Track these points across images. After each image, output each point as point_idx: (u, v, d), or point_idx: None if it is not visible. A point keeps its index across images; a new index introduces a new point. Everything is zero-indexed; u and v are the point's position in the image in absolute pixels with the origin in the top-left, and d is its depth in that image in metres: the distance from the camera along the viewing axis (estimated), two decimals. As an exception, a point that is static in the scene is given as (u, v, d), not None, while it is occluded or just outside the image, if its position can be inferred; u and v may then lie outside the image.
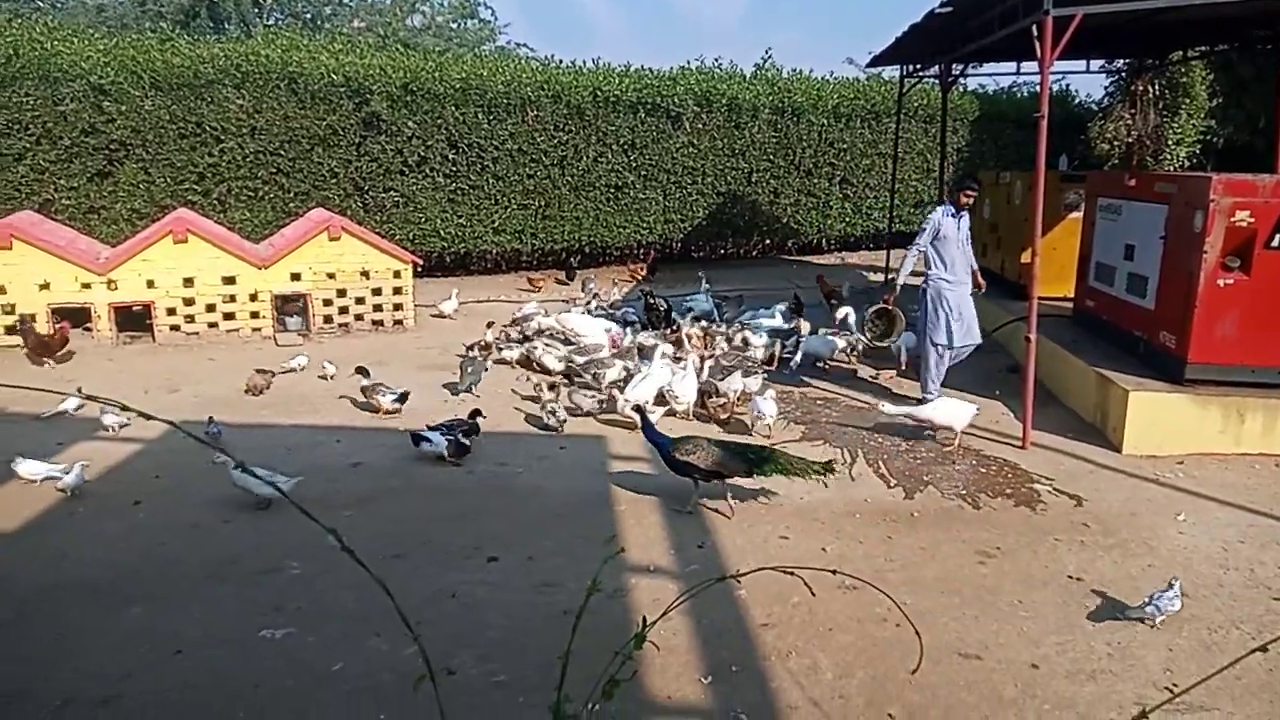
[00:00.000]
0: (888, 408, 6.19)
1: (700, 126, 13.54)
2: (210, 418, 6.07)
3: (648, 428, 5.18)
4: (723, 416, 6.46)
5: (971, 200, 6.63)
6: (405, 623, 1.54)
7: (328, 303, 9.35)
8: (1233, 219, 5.76)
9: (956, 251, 6.61)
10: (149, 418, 1.51)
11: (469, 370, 7.20)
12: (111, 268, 8.70)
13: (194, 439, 1.69)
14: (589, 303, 10.32)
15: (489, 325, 8.74)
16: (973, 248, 6.84)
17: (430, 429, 5.81)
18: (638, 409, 5.46)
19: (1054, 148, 8.56)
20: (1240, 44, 9.79)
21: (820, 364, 7.91)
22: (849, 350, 7.99)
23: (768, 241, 15.35)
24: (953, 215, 6.61)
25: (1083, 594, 4.14)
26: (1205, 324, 5.89)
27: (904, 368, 7.68)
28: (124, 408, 1.59)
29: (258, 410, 6.68)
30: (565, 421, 6.28)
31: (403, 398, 6.65)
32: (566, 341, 8.20)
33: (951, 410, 6.09)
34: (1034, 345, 6.16)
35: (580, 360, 7.46)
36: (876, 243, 15.68)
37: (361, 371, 6.88)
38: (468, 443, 5.70)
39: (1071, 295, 8.17)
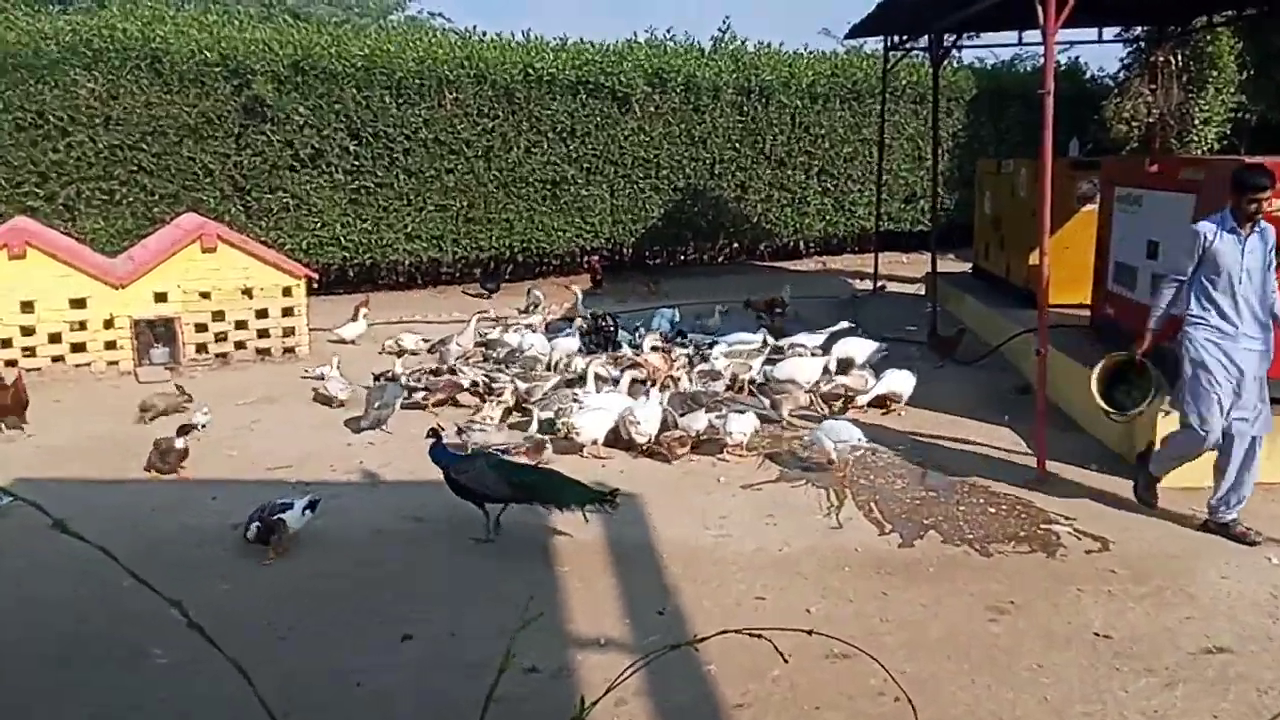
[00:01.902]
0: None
1: (652, 110, 13.68)
2: None
3: (435, 447, 5.48)
4: (680, 452, 6.48)
5: (1261, 208, 5.18)
6: (270, 715, 1.48)
7: (201, 328, 9.18)
8: (1270, 209, 5.94)
9: (1240, 286, 5.20)
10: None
11: (376, 402, 7.11)
12: (-71, 290, 8.43)
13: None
14: (532, 312, 10.36)
15: (400, 355, 8.65)
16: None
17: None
18: (432, 431, 5.64)
19: (1063, 130, 8.81)
20: (1270, 8, 10.19)
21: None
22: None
23: (735, 245, 15.50)
24: (1231, 230, 5.21)
25: (1111, 653, 4.19)
26: (1242, 332, 6.05)
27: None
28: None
29: (122, 463, 6.51)
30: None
31: (184, 429, 6.39)
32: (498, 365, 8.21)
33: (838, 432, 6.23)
34: (1046, 361, 6.26)
35: (524, 387, 7.46)
36: (863, 244, 15.91)
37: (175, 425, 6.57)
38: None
39: (1088, 301, 8.36)
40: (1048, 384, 6.36)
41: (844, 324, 8.91)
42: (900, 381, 7.53)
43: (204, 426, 6.83)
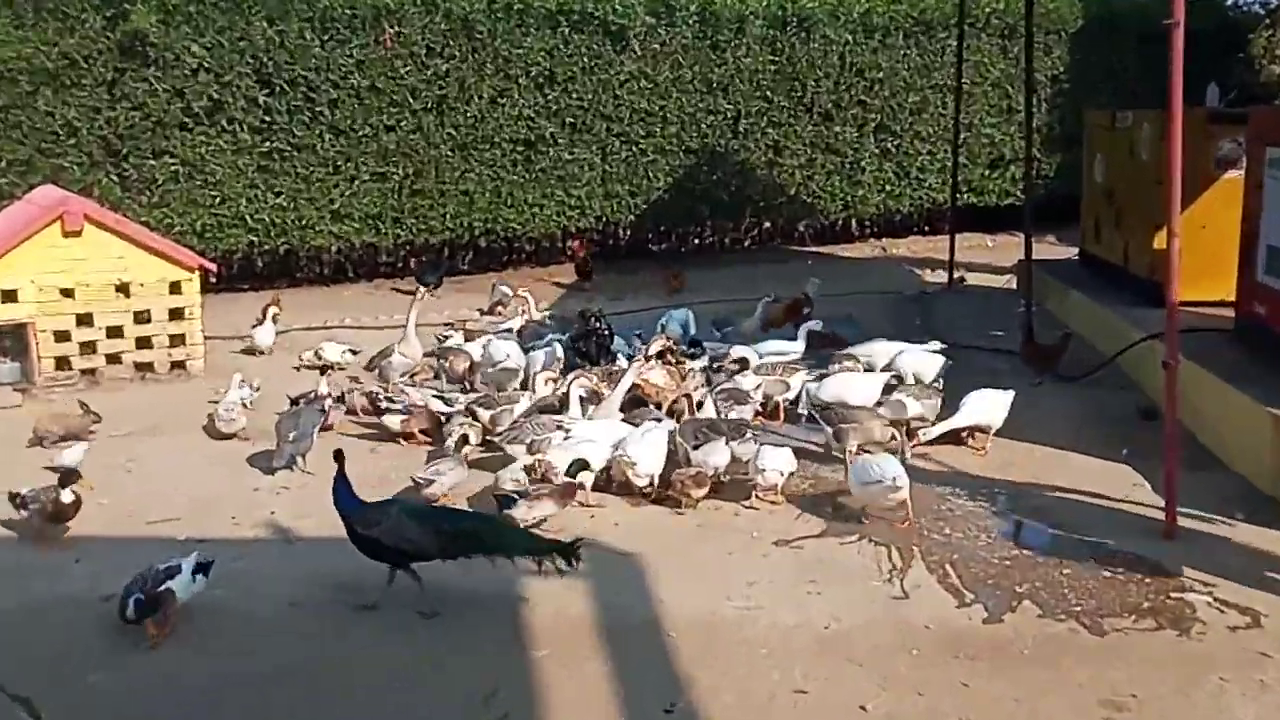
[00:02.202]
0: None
1: (658, 48, 13.75)
2: None
3: (338, 481, 5.44)
4: (696, 494, 6.50)
5: None
6: None
7: (63, 336, 9.17)
8: None
9: None
10: None
11: (289, 431, 7.12)
12: None
13: None
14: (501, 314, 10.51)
15: (324, 371, 8.64)
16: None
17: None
18: (337, 455, 5.61)
19: (1198, 73, 8.80)
20: None
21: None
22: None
23: (767, 224, 15.54)
24: None
25: (1266, 763, 4.17)
26: None
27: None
28: None
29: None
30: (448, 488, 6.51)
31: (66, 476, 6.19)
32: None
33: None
34: (1177, 376, 6.26)
35: (486, 414, 7.51)
36: (934, 224, 15.91)
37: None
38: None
39: (1231, 297, 8.35)
40: (1180, 406, 6.34)
41: (934, 344, 8.82)
42: (989, 408, 7.44)
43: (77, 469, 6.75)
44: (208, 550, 5.51)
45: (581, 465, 6.44)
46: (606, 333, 9.30)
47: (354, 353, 9.62)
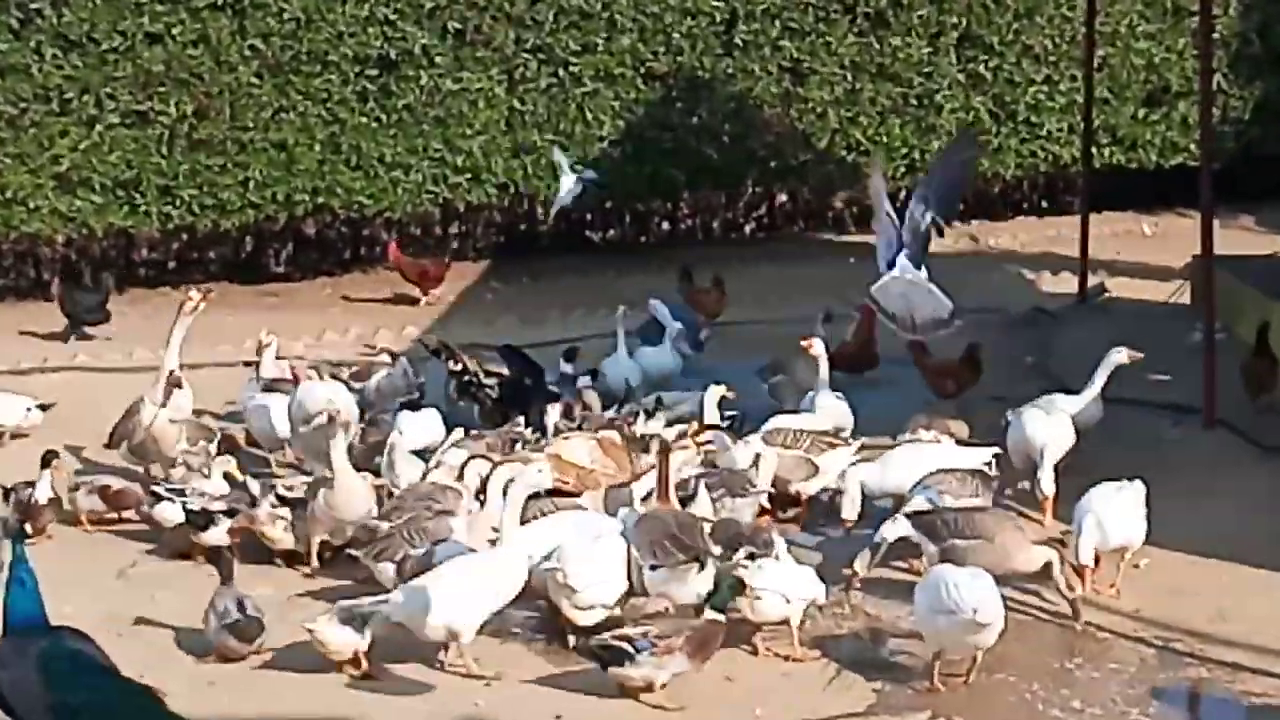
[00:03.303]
0: None
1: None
2: None
3: (15, 574, 5.37)
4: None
5: None
6: None
7: None
8: None
9: None
10: None
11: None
12: None
13: None
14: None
15: (49, 462, 8.48)
16: None
17: None
18: (18, 533, 5.51)
19: None
20: None
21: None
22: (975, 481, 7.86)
23: (784, 199, 15.64)
24: None
25: None
26: None
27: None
28: None
29: None
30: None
31: None
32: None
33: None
34: None
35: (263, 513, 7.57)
36: (1057, 196, 16.03)
37: None
38: None
39: None
40: None
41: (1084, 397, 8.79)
42: (1118, 518, 7.23)
43: None
44: None
45: (737, 587, 6.20)
46: (487, 384, 9.44)
47: (43, 408, 9.61)
